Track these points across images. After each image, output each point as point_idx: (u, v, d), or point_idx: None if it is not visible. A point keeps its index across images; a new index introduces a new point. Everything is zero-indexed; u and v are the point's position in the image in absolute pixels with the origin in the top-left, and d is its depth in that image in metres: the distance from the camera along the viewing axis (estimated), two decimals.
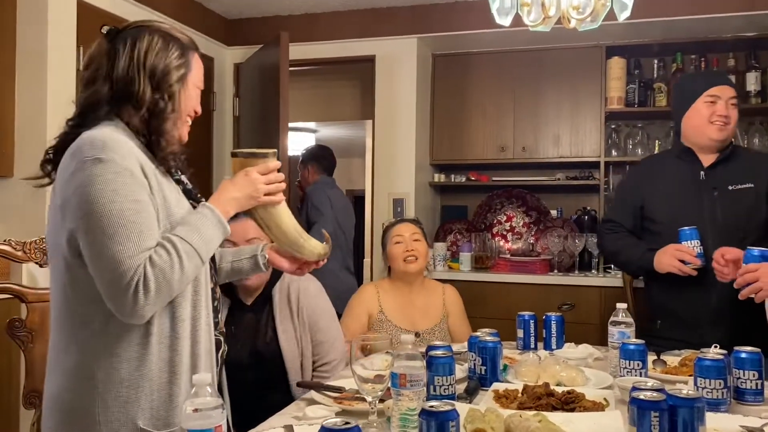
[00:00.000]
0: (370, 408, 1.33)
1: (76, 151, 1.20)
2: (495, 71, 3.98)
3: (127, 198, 1.18)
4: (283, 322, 1.96)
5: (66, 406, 1.24)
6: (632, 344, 1.65)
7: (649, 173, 2.36)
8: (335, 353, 2.01)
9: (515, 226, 4.05)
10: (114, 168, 1.18)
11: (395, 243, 2.41)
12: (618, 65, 3.73)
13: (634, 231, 2.35)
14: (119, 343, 1.22)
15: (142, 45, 1.28)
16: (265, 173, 1.36)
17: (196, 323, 1.30)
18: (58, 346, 1.26)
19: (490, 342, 1.65)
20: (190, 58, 1.34)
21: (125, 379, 1.22)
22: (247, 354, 1.93)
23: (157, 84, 1.27)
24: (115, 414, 1.21)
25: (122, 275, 1.14)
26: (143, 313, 1.18)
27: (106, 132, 1.22)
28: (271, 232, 1.45)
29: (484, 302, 3.39)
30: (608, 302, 3.40)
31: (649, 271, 2.24)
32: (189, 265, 1.22)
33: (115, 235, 1.15)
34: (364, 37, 3.88)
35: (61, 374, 1.25)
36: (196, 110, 1.37)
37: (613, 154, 3.83)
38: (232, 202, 1.32)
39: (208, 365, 1.33)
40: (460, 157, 4.09)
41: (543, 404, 1.39)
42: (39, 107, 2.64)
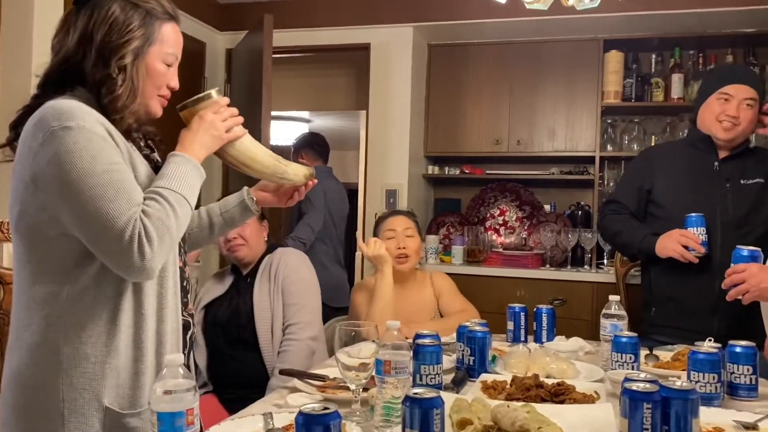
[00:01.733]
0: (354, 396, 1.29)
1: (39, 122, 1.14)
2: (491, 63, 3.94)
3: (105, 160, 1.13)
4: (260, 285, 2.16)
5: (28, 381, 1.18)
6: (624, 337, 1.61)
7: (662, 158, 2.33)
8: (303, 316, 2.11)
9: (508, 220, 4.01)
10: (85, 134, 1.13)
11: (388, 238, 2.31)
12: (615, 59, 3.69)
13: (636, 214, 2.32)
14: (87, 319, 1.17)
15: (98, 15, 1.21)
16: (217, 112, 1.31)
17: (162, 300, 1.25)
18: (21, 323, 1.21)
19: (479, 332, 1.61)
20: (154, 28, 1.26)
21: (91, 354, 1.17)
22: (229, 313, 2.15)
23: (106, 58, 1.21)
24: (80, 391, 1.16)
25: (121, 232, 1.10)
26: (152, 265, 1.14)
27: (69, 102, 1.17)
28: (250, 168, 1.41)
29: (476, 296, 3.31)
30: (600, 298, 3.37)
31: (649, 255, 2.21)
32: (181, 211, 1.19)
33: (104, 195, 1.10)
34: (359, 24, 3.83)
35: (24, 350, 1.19)
36: (169, 85, 1.30)
37: (609, 149, 3.80)
38: (198, 147, 1.28)
39: (174, 345, 1.29)
40: (454, 150, 4.04)
41: (532, 395, 1.36)
42: (23, 77, 2.56)
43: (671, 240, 2.10)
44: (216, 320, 2.15)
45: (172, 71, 1.31)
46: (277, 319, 2.11)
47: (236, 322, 2.12)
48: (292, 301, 2.12)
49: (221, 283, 2.25)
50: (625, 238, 2.31)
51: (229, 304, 2.18)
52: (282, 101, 4.84)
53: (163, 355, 1.25)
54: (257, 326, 2.10)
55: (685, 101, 3.58)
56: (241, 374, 2.07)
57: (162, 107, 1.32)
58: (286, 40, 3.85)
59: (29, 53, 2.61)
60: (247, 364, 2.08)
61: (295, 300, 2.13)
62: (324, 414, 0.88)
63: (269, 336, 2.09)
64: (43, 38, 2.60)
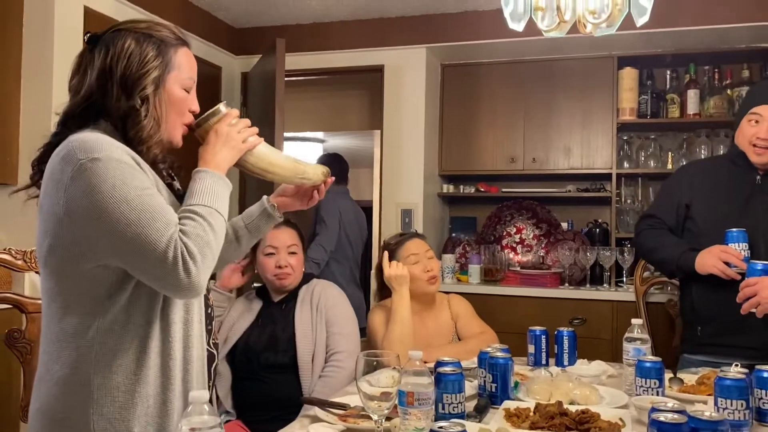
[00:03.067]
0: (376, 426, 1.28)
1: (67, 156, 1.15)
2: (505, 81, 3.94)
3: (137, 186, 1.15)
4: (302, 313, 2.19)
5: (57, 414, 1.19)
6: (648, 362, 1.58)
7: (700, 173, 2.27)
8: (348, 345, 2.16)
9: (525, 238, 3.99)
10: (113, 164, 1.14)
11: (412, 263, 2.24)
12: (630, 76, 3.69)
13: (674, 230, 2.26)
14: (118, 348, 1.18)
15: (114, 51, 1.23)
16: (231, 124, 1.32)
17: (188, 327, 1.27)
18: (50, 356, 1.22)
19: (501, 358, 1.59)
20: (170, 56, 1.28)
21: (122, 383, 1.18)
22: (266, 338, 2.17)
23: (129, 91, 1.23)
24: (111, 421, 1.17)
25: (164, 254, 1.11)
26: (199, 281, 1.15)
27: (93, 134, 1.19)
28: (271, 173, 1.42)
29: (493, 316, 3.31)
30: (620, 317, 3.33)
31: (688, 272, 2.14)
32: (216, 224, 1.20)
33: (141, 221, 1.12)
34: (373, 46, 3.85)
35: (53, 383, 1.20)
36: (191, 109, 1.32)
37: (625, 165, 3.78)
38: (219, 160, 1.29)
39: (200, 372, 1.29)
40: (469, 168, 4.04)
41: (556, 424, 1.33)
42: (44, 115, 2.63)
43: (711, 256, 2.03)
44: (248, 345, 2.15)
45: (191, 95, 1.33)
46: (319, 346, 2.15)
47: (274, 348, 2.15)
48: (337, 330, 2.18)
49: (250, 309, 2.26)
50: (663, 254, 2.24)
51: (263, 329, 2.20)
52: (297, 122, 4.88)
53: (189, 383, 1.26)
54: (299, 352, 2.12)
55: (701, 117, 3.57)
56: (275, 396, 2.07)
57: (183, 135, 1.33)
58: (300, 63, 3.88)
59: (49, 92, 2.66)
60: (281, 386, 2.10)
61: (341, 329, 2.18)
62: None
63: (309, 361, 2.13)
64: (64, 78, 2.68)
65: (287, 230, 2.25)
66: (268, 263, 2.21)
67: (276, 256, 2.21)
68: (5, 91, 2.65)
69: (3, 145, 2.64)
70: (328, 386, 2.03)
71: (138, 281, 1.19)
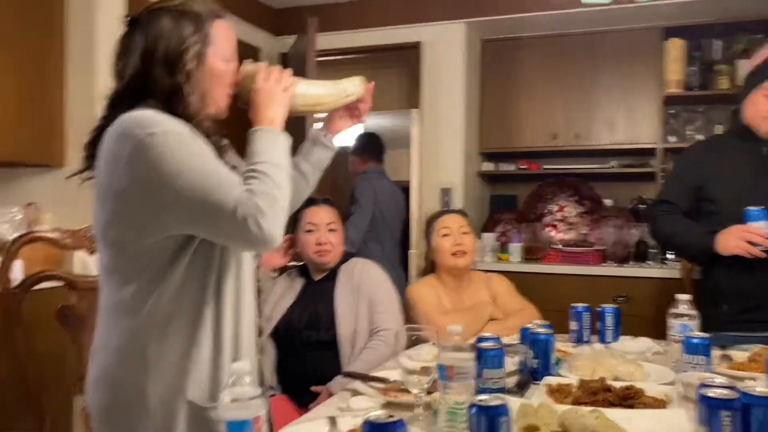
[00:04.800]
0: (416, 401, 1.28)
1: (123, 133, 1.17)
2: (546, 56, 3.86)
3: (198, 153, 1.17)
4: (342, 292, 2.20)
5: (116, 381, 1.24)
6: (696, 338, 1.54)
7: (709, 152, 2.25)
8: (394, 323, 2.15)
9: (567, 215, 3.93)
10: (171, 136, 1.16)
11: (443, 236, 2.29)
12: (677, 47, 3.57)
13: (689, 213, 2.24)
14: (174, 314, 1.22)
15: (153, 31, 1.25)
16: (266, 78, 1.34)
17: (240, 296, 1.30)
18: (107, 325, 1.26)
19: (543, 334, 1.57)
20: (208, 30, 1.29)
21: (177, 349, 1.22)
22: (307, 316, 2.18)
23: (172, 69, 1.24)
24: (166, 386, 1.21)
25: (234, 213, 1.14)
26: (273, 233, 1.17)
27: (146, 111, 1.20)
28: (321, 105, 1.47)
29: (535, 294, 3.25)
30: (665, 295, 3.24)
31: (709, 254, 2.12)
32: (280, 178, 1.22)
33: (207, 185, 1.14)
34: (410, 23, 3.82)
35: (111, 350, 1.25)
36: (234, 79, 1.34)
37: (672, 140, 3.67)
38: (271, 115, 1.31)
39: (249, 342, 1.32)
40: (509, 145, 3.99)
41: (600, 400, 1.31)
42: (89, 97, 2.68)
43: (733, 236, 2.01)
44: (291, 323, 2.18)
45: (233, 66, 1.34)
46: (362, 324, 2.16)
47: (316, 326, 2.16)
48: (382, 309, 2.17)
49: (292, 288, 2.29)
50: (681, 239, 2.23)
51: (304, 307, 2.21)
52: None
53: (239, 351, 1.29)
54: (339, 331, 2.13)
55: None
56: (315, 374, 2.10)
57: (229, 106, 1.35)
58: (336, 42, 3.87)
59: (93, 77, 2.71)
60: (322, 364, 2.11)
61: (386, 308, 2.18)
62: (389, 423, 0.87)
63: (350, 340, 2.14)
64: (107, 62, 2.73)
65: (326, 208, 2.26)
66: (309, 240, 2.23)
67: (316, 233, 2.22)
68: (50, 76, 2.71)
69: (49, 130, 2.71)
70: (373, 356, 2.04)
71: (195, 250, 1.22)
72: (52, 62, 2.72)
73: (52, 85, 2.72)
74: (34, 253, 2.46)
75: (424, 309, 2.18)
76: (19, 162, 2.68)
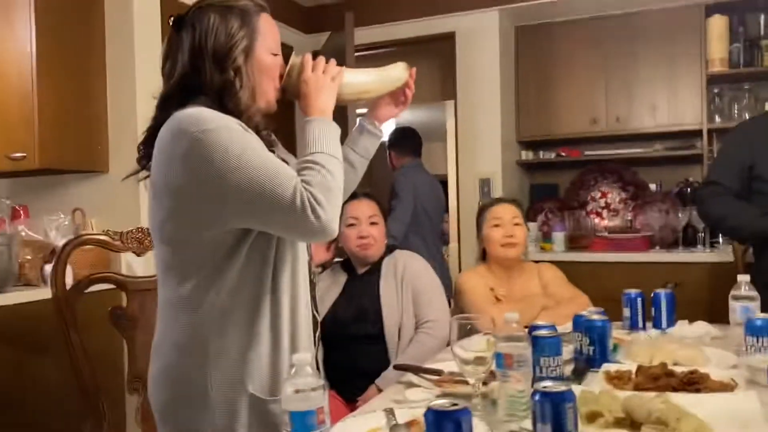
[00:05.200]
0: (474, 390, 1.26)
1: (178, 131, 1.18)
2: (583, 39, 3.78)
3: (252, 147, 1.18)
4: (386, 285, 2.19)
5: (178, 376, 1.25)
6: (760, 319, 1.49)
7: (757, 130, 2.18)
8: (439, 314, 2.14)
9: (611, 202, 3.85)
10: (225, 132, 1.16)
11: (493, 225, 2.24)
12: (719, 24, 3.46)
13: (740, 194, 2.17)
14: (233, 308, 1.23)
15: (201, 28, 1.25)
16: (313, 69, 1.34)
17: (295, 289, 1.30)
18: (167, 323, 1.28)
19: (598, 321, 1.53)
20: (254, 24, 1.29)
21: (237, 342, 1.23)
22: (353, 311, 2.17)
23: (221, 65, 1.25)
24: (227, 379, 1.22)
25: (292, 203, 1.14)
26: (330, 224, 1.18)
27: (198, 108, 1.21)
28: (367, 94, 1.47)
29: (581, 283, 3.19)
30: (717, 280, 3.16)
31: (764, 236, 2.05)
32: (334, 168, 1.23)
33: (263, 178, 1.14)
34: (443, 13, 3.78)
35: (171, 347, 1.26)
36: (282, 72, 1.34)
37: (717, 120, 3.56)
38: (321, 106, 1.31)
39: (307, 335, 1.32)
40: (548, 133, 3.92)
41: (662, 385, 1.27)
42: (129, 102, 2.72)
43: None
44: (336, 318, 2.18)
45: (279, 59, 1.34)
46: (407, 317, 2.15)
47: (363, 319, 2.16)
48: (426, 299, 2.16)
49: (336, 282, 2.28)
50: (734, 221, 2.16)
51: (350, 302, 2.20)
52: None
53: (297, 344, 1.29)
54: (385, 324, 2.13)
55: None
56: (364, 367, 2.09)
57: (278, 99, 1.36)
58: (368, 37, 3.86)
59: (133, 81, 2.73)
60: (370, 357, 2.10)
61: (430, 298, 2.17)
62: (455, 410, 0.85)
63: (396, 332, 2.13)
64: (145, 67, 2.74)
65: (366, 201, 2.25)
66: (351, 234, 2.22)
67: (358, 227, 2.21)
68: (92, 83, 2.76)
69: (93, 135, 2.76)
70: (419, 351, 2.02)
71: (251, 244, 1.23)
72: (94, 67, 2.77)
73: (94, 91, 2.77)
74: (82, 257, 2.51)
75: (473, 299, 2.15)
76: (64, 169, 2.73)
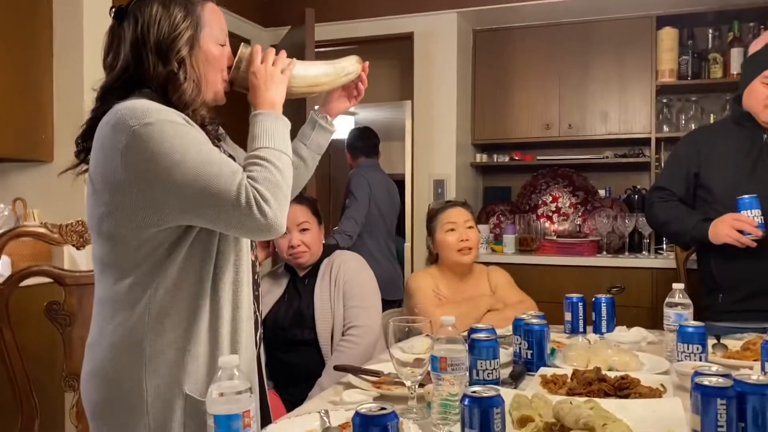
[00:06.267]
0: (410, 393, 1.26)
1: (118, 124, 1.14)
2: (539, 46, 3.84)
3: (195, 142, 1.15)
4: (321, 288, 2.16)
5: (112, 375, 1.22)
6: (691, 326, 1.53)
7: (706, 139, 2.24)
8: (366, 320, 2.11)
9: (561, 206, 3.92)
10: (167, 126, 1.13)
11: (448, 230, 2.24)
12: (670, 36, 3.55)
13: (685, 200, 2.24)
14: (171, 306, 1.20)
15: (143, 19, 1.22)
16: (263, 60, 1.31)
17: (238, 288, 1.27)
18: (104, 319, 1.24)
19: (537, 325, 1.56)
20: (198, 15, 1.26)
21: (174, 341, 1.20)
22: (291, 315, 2.16)
23: (165, 56, 1.22)
24: (163, 378, 1.19)
25: (237, 200, 1.11)
26: (277, 220, 1.16)
27: (140, 101, 1.18)
28: (319, 86, 1.44)
29: (529, 285, 3.25)
30: (661, 285, 3.26)
31: (703, 242, 2.12)
32: (282, 164, 1.20)
33: (207, 174, 1.11)
34: (402, 13, 3.79)
35: (106, 345, 1.22)
36: (229, 63, 1.32)
37: (665, 129, 3.66)
38: (270, 98, 1.29)
39: (248, 335, 1.30)
40: (502, 136, 3.97)
41: (594, 390, 1.30)
42: (77, 91, 2.65)
43: (724, 225, 2.01)
44: (277, 321, 2.15)
45: (227, 50, 1.32)
46: (338, 321, 2.12)
47: (300, 324, 2.13)
48: (354, 303, 2.12)
49: (278, 283, 2.25)
50: (676, 226, 2.22)
51: (290, 305, 2.18)
52: None
53: (238, 344, 1.27)
54: (318, 328, 2.10)
55: None
56: (301, 371, 2.08)
57: (225, 91, 1.33)
58: (328, 33, 3.84)
59: (81, 69, 2.68)
60: (308, 360, 2.08)
61: (357, 302, 2.13)
62: (381, 415, 0.85)
63: (329, 337, 2.10)
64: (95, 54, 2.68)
65: (296, 207, 2.15)
66: (282, 244, 2.17)
67: (288, 236, 2.15)
68: (38, 69, 2.68)
69: (37, 123, 2.68)
70: (340, 361, 1.95)
71: (192, 242, 1.20)
72: (40, 55, 2.68)
73: (40, 78, 2.68)
74: (21, 249, 2.44)
75: (419, 300, 2.16)
76: (6, 157, 2.64)
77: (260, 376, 1.45)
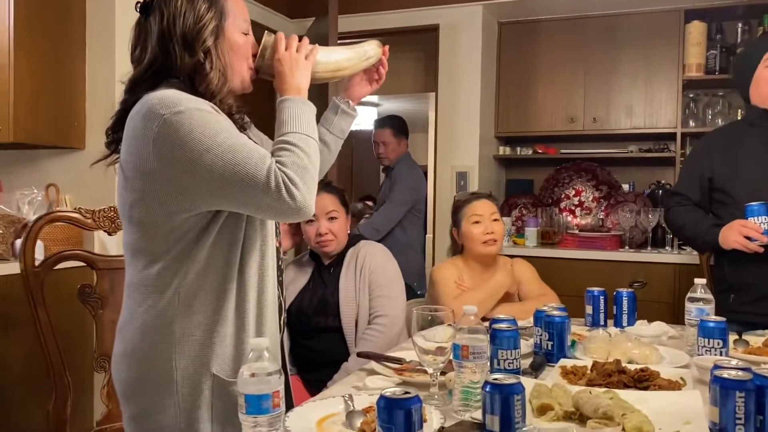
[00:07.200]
0: (431, 380, 1.29)
1: (149, 113, 1.17)
2: (564, 38, 3.82)
3: (225, 128, 1.18)
4: (346, 277, 2.18)
5: (142, 356, 1.26)
6: (712, 321, 1.54)
7: (721, 143, 2.22)
8: (392, 309, 2.14)
9: (584, 200, 3.91)
10: (197, 114, 1.17)
11: (474, 222, 2.25)
12: (698, 30, 3.51)
13: (701, 204, 2.24)
14: (200, 289, 1.24)
15: (168, 12, 1.25)
16: (287, 47, 1.34)
17: (263, 272, 1.31)
18: (135, 302, 1.28)
19: (558, 317, 1.57)
20: (222, 5, 1.29)
21: (202, 323, 1.24)
22: (316, 302, 2.19)
23: (191, 47, 1.24)
24: (191, 359, 1.23)
25: (266, 184, 1.14)
26: (306, 204, 1.18)
27: (170, 90, 1.21)
28: (341, 71, 1.46)
29: (551, 279, 3.26)
30: (683, 280, 3.25)
31: (715, 247, 2.14)
32: (309, 149, 1.23)
33: (237, 159, 1.14)
34: (428, 5, 3.79)
35: (137, 327, 1.26)
36: (254, 51, 1.34)
37: (691, 124, 3.63)
38: (296, 84, 1.31)
39: (272, 318, 1.34)
40: (526, 129, 3.96)
41: (614, 381, 1.32)
42: (108, 80, 2.71)
43: (732, 231, 2.02)
44: (301, 308, 2.19)
45: (250, 38, 1.35)
46: (363, 309, 2.14)
47: (324, 311, 2.16)
48: (380, 293, 2.15)
49: (303, 271, 2.28)
50: (690, 231, 2.24)
51: (314, 293, 2.22)
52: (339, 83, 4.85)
53: (263, 326, 1.30)
54: (342, 317, 2.13)
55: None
56: (325, 357, 2.11)
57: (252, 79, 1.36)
58: (353, 25, 3.86)
59: (113, 60, 2.74)
60: (331, 347, 2.11)
61: (384, 292, 2.15)
62: (405, 398, 0.88)
63: (353, 326, 2.13)
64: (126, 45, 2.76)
65: (325, 195, 2.19)
66: (310, 231, 2.20)
67: (316, 224, 2.18)
68: (71, 59, 2.74)
69: (70, 112, 2.75)
70: (366, 348, 1.98)
71: (220, 227, 1.24)
72: (73, 44, 2.75)
73: (73, 67, 2.75)
74: (54, 234, 2.51)
75: (441, 290, 2.18)
76: (40, 144, 2.71)
77: (283, 360, 1.49)
